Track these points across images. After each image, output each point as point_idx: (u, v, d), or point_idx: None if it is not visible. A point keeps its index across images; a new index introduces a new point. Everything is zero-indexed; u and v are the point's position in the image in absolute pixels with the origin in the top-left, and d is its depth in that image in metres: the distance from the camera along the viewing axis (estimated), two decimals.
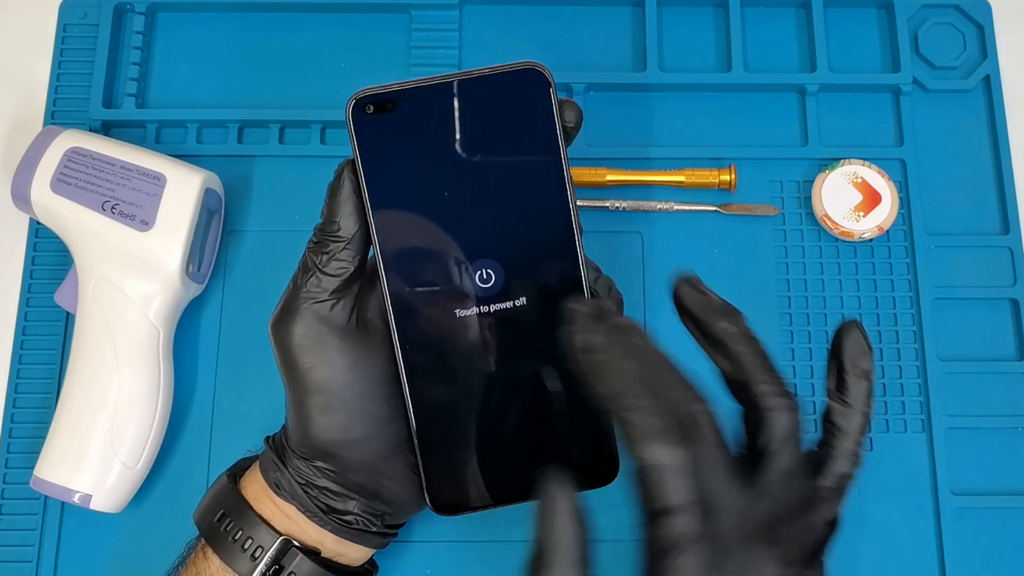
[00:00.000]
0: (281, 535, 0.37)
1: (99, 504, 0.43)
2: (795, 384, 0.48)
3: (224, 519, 0.37)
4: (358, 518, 0.37)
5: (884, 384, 0.48)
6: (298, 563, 0.37)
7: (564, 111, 0.36)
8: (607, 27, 0.53)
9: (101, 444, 0.43)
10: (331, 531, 0.37)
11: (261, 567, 0.36)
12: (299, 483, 0.37)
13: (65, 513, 0.46)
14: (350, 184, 0.36)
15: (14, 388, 0.48)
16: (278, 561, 0.37)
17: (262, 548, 0.37)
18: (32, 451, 0.45)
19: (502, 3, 0.53)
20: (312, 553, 0.37)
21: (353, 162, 0.36)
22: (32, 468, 0.44)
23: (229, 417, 0.47)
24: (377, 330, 0.37)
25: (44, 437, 0.44)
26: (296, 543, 0.37)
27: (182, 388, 0.47)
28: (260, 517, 0.37)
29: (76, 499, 0.43)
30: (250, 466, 0.40)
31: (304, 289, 0.36)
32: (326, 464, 0.37)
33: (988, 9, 0.53)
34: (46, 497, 0.46)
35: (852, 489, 0.32)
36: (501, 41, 0.53)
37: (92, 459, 0.43)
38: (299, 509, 0.37)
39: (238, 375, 0.48)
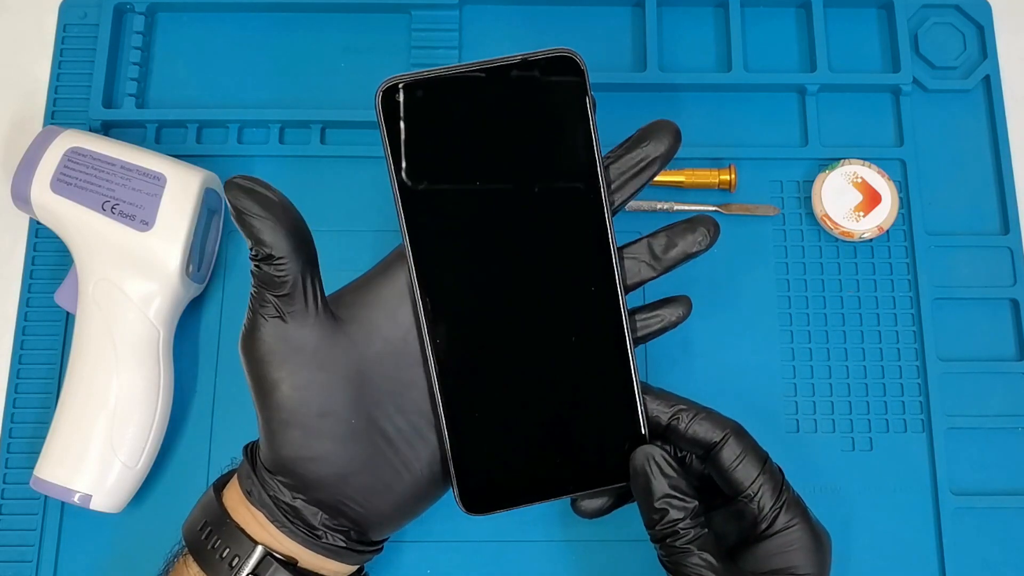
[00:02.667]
0: (258, 544, 0.37)
1: (99, 504, 0.43)
2: (794, 385, 0.48)
3: (206, 529, 0.37)
4: (326, 533, 0.37)
5: (884, 384, 0.48)
6: (273, 572, 0.37)
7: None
8: (607, 27, 0.53)
9: (101, 444, 0.43)
10: (301, 543, 0.37)
11: None
12: (268, 495, 0.37)
13: (65, 513, 0.46)
14: (251, 203, 0.35)
15: (14, 388, 0.48)
16: (256, 571, 0.37)
17: (239, 557, 0.37)
18: (32, 451, 0.45)
19: (502, 3, 0.53)
20: (289, 564, 0.37)
21: (235, 183, 0.35)
22: (32, 468, 0.44)
23: (229, 417, 0.47)
24: (343, 344, 0.37)
25: (44, 437, 0.44)
26: (274, 553, 0.37)
27: (182, 388, 0.47)
28: (237, 526, 0.37)
29: (76, 499, 0.43)
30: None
31: (259, 306, 0.36)
32: (286, 479, 0.37)
33: (988, 9, 0.53)
34: (46, 497, 0.46)
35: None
36: (501, 41, 0.53)
37: (92, 459, 0.43)
38: (268, 518, 0.37)
39: (238, 375, 0.47)
